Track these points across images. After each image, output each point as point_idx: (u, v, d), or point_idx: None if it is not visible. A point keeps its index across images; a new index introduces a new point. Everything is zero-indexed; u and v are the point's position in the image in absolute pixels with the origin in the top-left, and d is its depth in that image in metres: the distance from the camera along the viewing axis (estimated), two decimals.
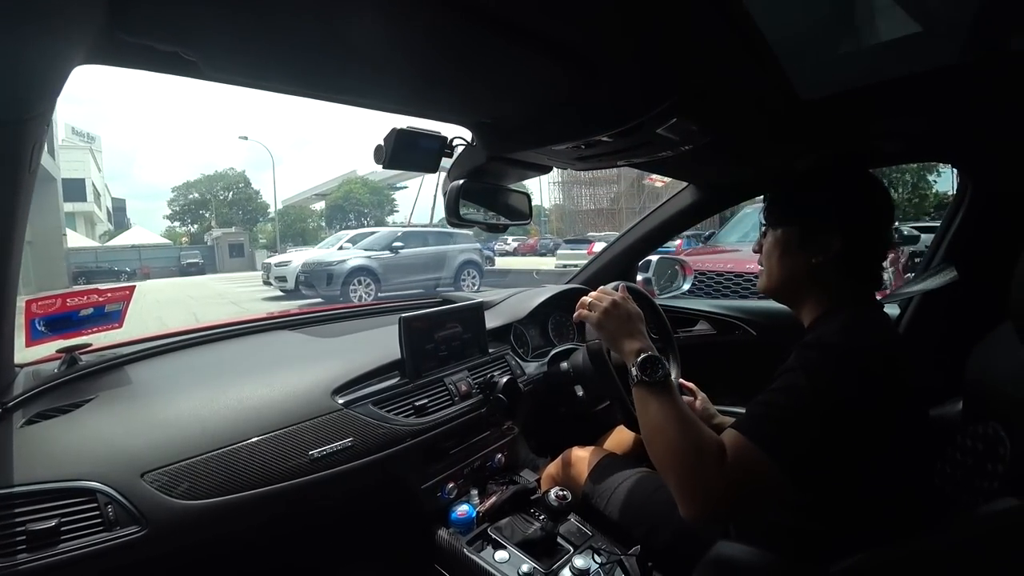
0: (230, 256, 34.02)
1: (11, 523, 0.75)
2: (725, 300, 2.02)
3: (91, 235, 38.02)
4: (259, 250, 35.87)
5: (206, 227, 45.06)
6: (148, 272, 30.75)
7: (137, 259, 32.83)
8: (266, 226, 46.46)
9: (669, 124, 0.93)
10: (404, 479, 1.20)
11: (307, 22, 0.66)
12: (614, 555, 1.12)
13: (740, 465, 0.74)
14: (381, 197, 42.97)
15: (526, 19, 0.68)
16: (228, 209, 47.12)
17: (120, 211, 53.82)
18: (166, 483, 0.86)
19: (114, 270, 28.17)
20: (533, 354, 1.65)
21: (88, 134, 39.28)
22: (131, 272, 29.12)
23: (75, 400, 0.96)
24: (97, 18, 0.56)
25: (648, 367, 0.87)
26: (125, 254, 33.27)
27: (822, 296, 0.92)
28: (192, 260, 33.16)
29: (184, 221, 49.36)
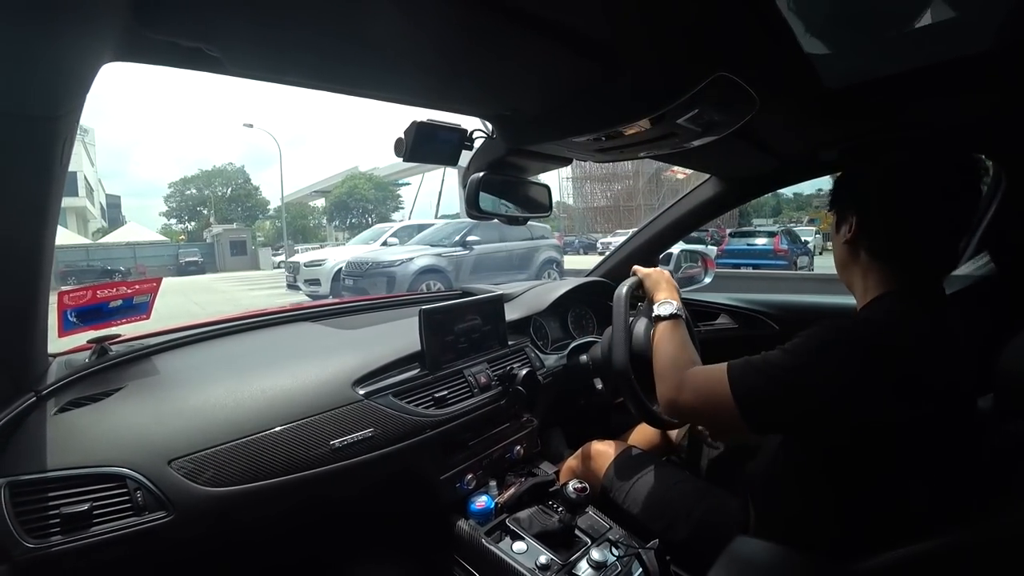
0: (231, 254, 32.47)
1: (46, 506, 0.78)
2: (747, 294, 1.98)
3: (84, 232, 36.94)
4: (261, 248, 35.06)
5: (204, 224, 44.05)
6: (144, 271, 28.45)
7: (132, 257, 30.70)
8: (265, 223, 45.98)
9: (691, 115, 0.92)
10: (423, 470, 1.22)
11: (328, 16, 0.66)
12: (632, 548, 1.12)
13: (703, 382, 0.89)
14: (386, 193, 42.45)
15: (546, 10, 0.67)
16: (227, 205, 46.38)
17: (115, 208, 52.77)
18: (192, 470, 0.88)
19: (107, 269, 26.41)
20: (552, 347, 1.65)
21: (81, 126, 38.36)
22: (125, 271, 27.13)
23: (105, 389, 0.99)
24: (123, 17, 0.57)
25: (663, 306, 1.15)
26: (119, 252, 31.04)
27: (865, 282, 0.91)
28: (191, 259, 31.24)
29: (181, 218, 48.42)
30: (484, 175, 1.21)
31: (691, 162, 1.64)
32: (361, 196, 41.23)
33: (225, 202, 46.75)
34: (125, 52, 0.67)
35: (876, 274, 0.88)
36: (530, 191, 1.38)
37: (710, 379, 0.87)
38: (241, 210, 46.62)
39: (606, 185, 31.72)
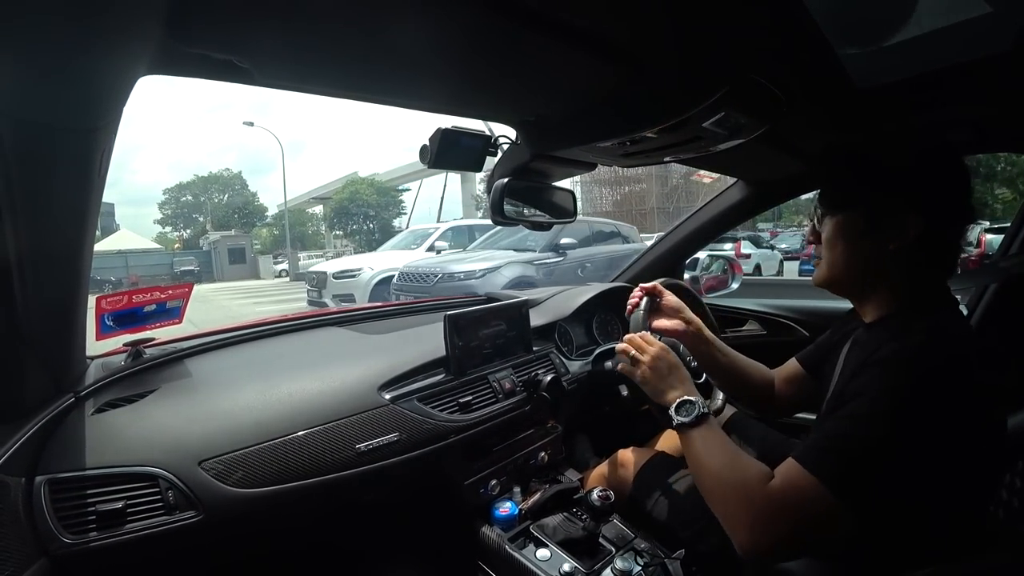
0: (230, 262, 30.69)
1: (82, 503, 0.81)
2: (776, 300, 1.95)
3: None
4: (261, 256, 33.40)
5: (200, 231, 43.27)
6: (136, 281, 26.15)
7: (124, 266, 29.02)
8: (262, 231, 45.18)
9: (717, 118, 0.91)
10: (448, 475, 1.22)
11: (355, 27, 0.68)
12: (657, 558, 1.10)
13: (791, 491, 0.72)
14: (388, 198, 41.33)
15: (569, 16, 0.67)
16: (224, 212, 45.47)
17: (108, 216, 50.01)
18: (221, 471, 0.90)
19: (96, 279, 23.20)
20: (577, 352, 1.64)
21: None
22: (116, 282, 25.22)
23: (140, 391, 1.02)
24: (158, 32, 0.59)
25: (684, 409, 0.89)
26: (109, 260, 29.00)
27: (891, 292, 0.83)
28: (187, 267, 29.40)
29: (176, 226, 47.64)
30: (509, 181, 1.21)
31: (717, 166, 1.63)
32: (363, 201, 40.53)
33: (222, 208, 45.98)
34: (160, 65, 0.69)
35: (910, 285, 0.82)
36: (555, 196, 1.38)
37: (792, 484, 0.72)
38: (238, 216, 45.61)
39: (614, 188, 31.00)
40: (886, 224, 0.80)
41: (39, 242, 0.73)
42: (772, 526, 0.72)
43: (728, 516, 0.78)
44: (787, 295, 2.21)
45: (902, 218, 0.78)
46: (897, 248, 0.79)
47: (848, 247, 0.85)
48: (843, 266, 0.86)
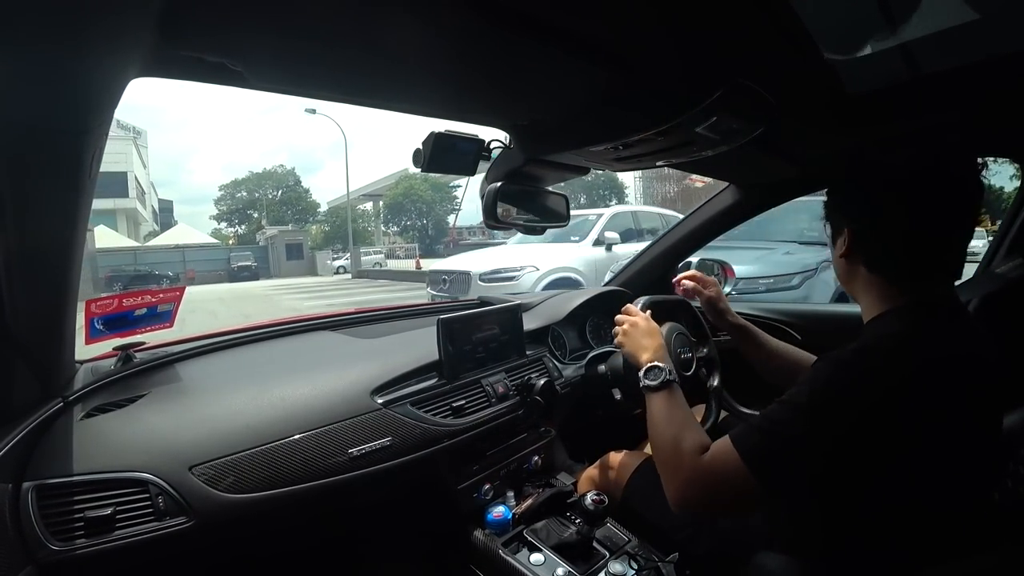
0: (287, 258, 30.67)
1: (71, 510, 0.80)
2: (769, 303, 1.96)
3: (135, 235, 35.85)
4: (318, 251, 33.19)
5: (255, 227, 43.77)
6: (193, 276, 27.53)
7: (181, 261, 29.25)
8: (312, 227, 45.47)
9: (709, 123, 0.91)
10: (441, 479, 1.21)
11: (349, 30, 0.68)
12: (651, 561, 1.10)
13: (716, 465, 0.80)
14: (443, 194, 41.84)
15: (563, 20, 0.68)
16: (279, 208, 45.89)
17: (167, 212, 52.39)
18: (212, 476, 0.89)
19: (154, 274, 24.88)
20: (571, 356, 1.64)
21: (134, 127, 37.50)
22: (174, 277, 25.88)
23: (130, 395, 1.01)
24: (149, 34, 0.59)
25: (651, 373, 1.00)
26: (167, 255, 29.55)
27: (870, 296, 0.87)
28: (244, 263, 29.22)
29: (232, 221, 48.10)
30: (502, 185, 1.21)
31: (709, 170, 1.63)
32: (417, 197, 40.69)
33: (276, 205, 46.34)
34: (151, 68, 0.69)
35: (878, 288, 0.85)
36: (548, 200, 1.38)
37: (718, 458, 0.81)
38: (292, 213, 46.12)
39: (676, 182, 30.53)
40: (838, 235, 0.89)
41: (28, 245, 0.73)
42: (695, 490, 0.83)
43: (664, 475, 0.88)
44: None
45: (840, 233, 0.88)
46: (842, 256, 0.88)
47: (837, 258, 0.91)
48: (839, 275, 0.94)
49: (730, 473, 0.77)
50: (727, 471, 0.78)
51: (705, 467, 0.81)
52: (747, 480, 0.75)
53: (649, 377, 1.00)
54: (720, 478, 0.79)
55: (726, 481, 0.78)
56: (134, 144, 34.27)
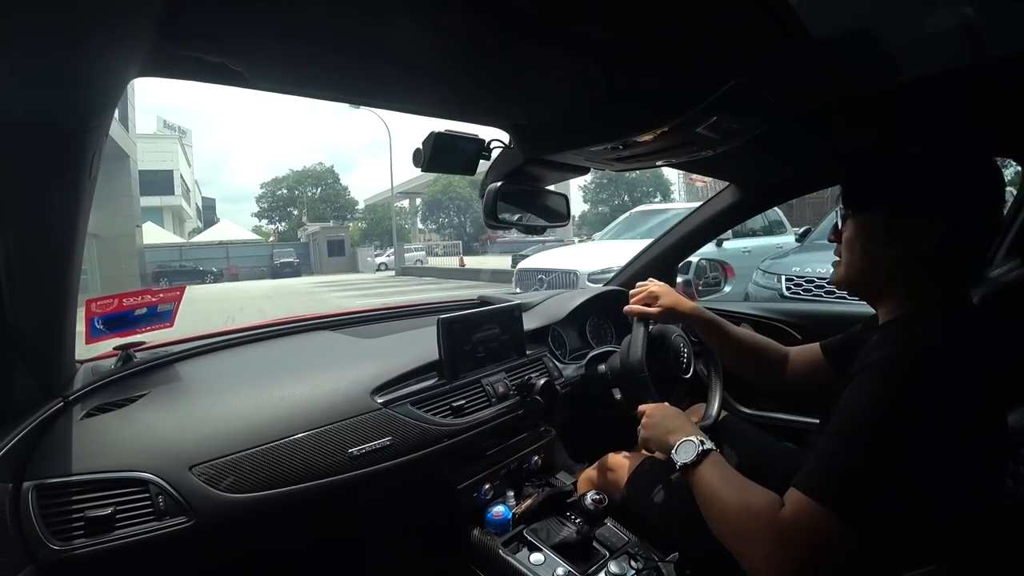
0: (329, 255, 30.12)
1: (71, 509, 0.80)
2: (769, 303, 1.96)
3: (179, 231, 36.53)
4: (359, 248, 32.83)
5: (297, 224, 44.12)
6: (237, 272, 27.98)
7: (224, 257, 29.64)
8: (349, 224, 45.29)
9: (709, 123, 0.91)
10: (441, 479, 1.21)
11: (348, 31, 0.68)
12: (651, 561, 1.10)
13: (801, 519, 0.69)
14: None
15: (562, 20, 0.68)
16: (318, 205, 46.12)
17: (210, 209, 53.21)
18: (212, 476, 0.89)
19: (199, 270, 25.50)
20: (571, 356, 1.64)
21: (179, 127, 38.17)
22: (218, 272, 26.43)
23: (130, 395, 1.01)
24: (150, 33, 0.59)
25: (681, 450, 0.89)
26: (212, 251, 30.08)
27: (903, 296, 0.83)
28: (287, 259, 29.22)
29: (272, 219, 48.45)
30: (502, 185, 1.21)
31: (709, 170, 1.63)
32: (456, 195, 40.51)
33: (316, 202, 46.61)
34: (152, 67, 0.69)
35: (905, 287, 0.82)
36: (548, 200, 1.39)
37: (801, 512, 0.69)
38: (330, 210, 46.29)
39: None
40: (906, 230, 0.79)
41: (28, 244, 0.73)
42: (790, 553, 0.70)
43: (741, 546, 0.76)
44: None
45: (922, 225, 0.77)
46: (915, 255, 0.79)
47: (866, 250, 0.85)
48: (860, 268, 0.87)
49: (817, 525, 0.68)
50: (814, 524, 0.68)
51: (789, 523, 0.70)
52: (835, 527, 0.66)
53: (681, 455, 0.89)
54: (808, 534, 0.68)
55: (815, 536, 0.68)
56: (180, 143, 34.81)
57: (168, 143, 33.00)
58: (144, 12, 0.54)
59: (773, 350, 1.24)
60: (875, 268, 0.85)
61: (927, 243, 0.77)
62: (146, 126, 29.53)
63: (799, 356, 1.22)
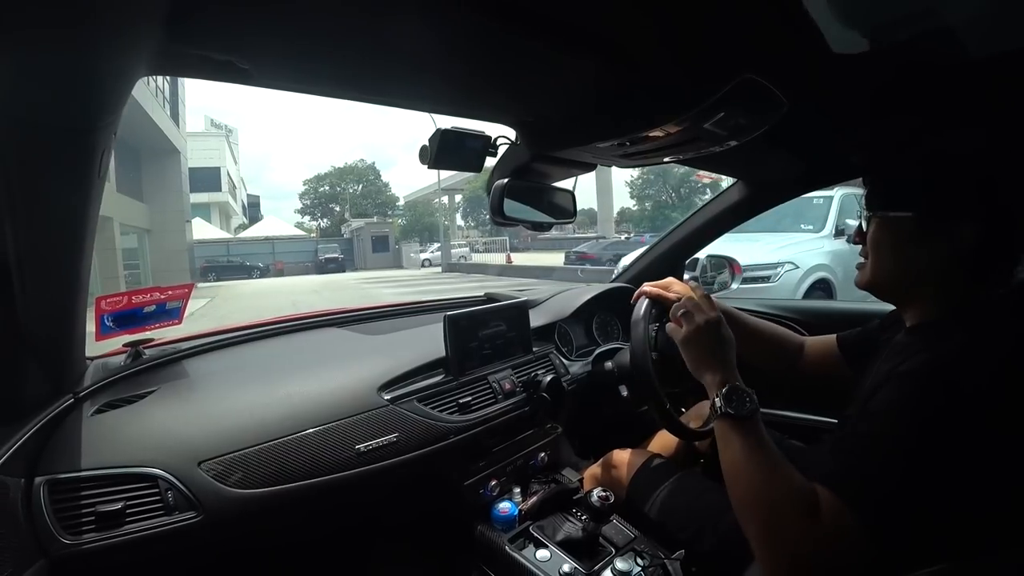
0: (373, 251, 30.47)
1: (81, 504, 0.81)
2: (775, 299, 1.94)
3: (226, 227, 37.21)
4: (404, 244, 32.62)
5: (339, 219, 44.56)
6: (282, 268, 28.66)
7: (270, 253, 30.20)
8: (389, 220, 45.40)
9: (716, 119, 0.90)
10: (447, 475, 1.22)
11: (354, 28, 0.68)
12: (657, 559, 1.10)
13: (834, 528, 0.66)
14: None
15: (569, 16, 0.67)
16: (360, 201, 46.63)
17: (254, 206, 54.27)
18: (221, 472, 0.90)
19: (245, 265, 26.12)
20: (577, 353, 1.64)
21: (226, 126, 38.85)
22: (264, 268, 27.03)
23: (139, 391, 1.02)
24: (157, 32, 0.59)
25: (735, 398, 0.80)
26: (258, 247, 30.73)
27: (933, 298, 0.79)
28: (331, 255, 29.63)
29: (314, 215, 49.09)
30: (508, 181, 1.21)
31: (717, 166, 1.62)
32: None
33: (357, 198, 47.14)
34: (160, 65, 0.69)
35: (939, 288, 0.78)
36: (555, 197, 1.38)
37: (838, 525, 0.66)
38: (372, 206, 46.72)
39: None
40: (939, 230, 0.76)
41: (39, 243, 0.73)
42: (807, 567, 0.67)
43: (761, 539, 0.71)
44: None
45: (957, 225, 0.74)
46: (947, 256, 0.76)
47: (894, 251, 0.82)
48: (888, 270, 0.83)
49: (846, 528, 0.65)
50: (842, 526, 0.65)
51: (820, 538, 0.66)
52: (864, 533, 0.64)
53: (731, 404, 0.80)
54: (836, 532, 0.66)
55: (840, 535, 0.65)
56: (227, 141, 35.38)
57: (216, 140, 33.58)
58: (151, 11, 0.55)
59: (788, 339, 1.23)
60: (904, 270, 0.81)
61: (961, 244, 0.74)
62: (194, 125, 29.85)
63: (814, 346, 1.21)
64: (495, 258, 23.04)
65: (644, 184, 40.45)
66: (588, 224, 42.76)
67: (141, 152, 17.68)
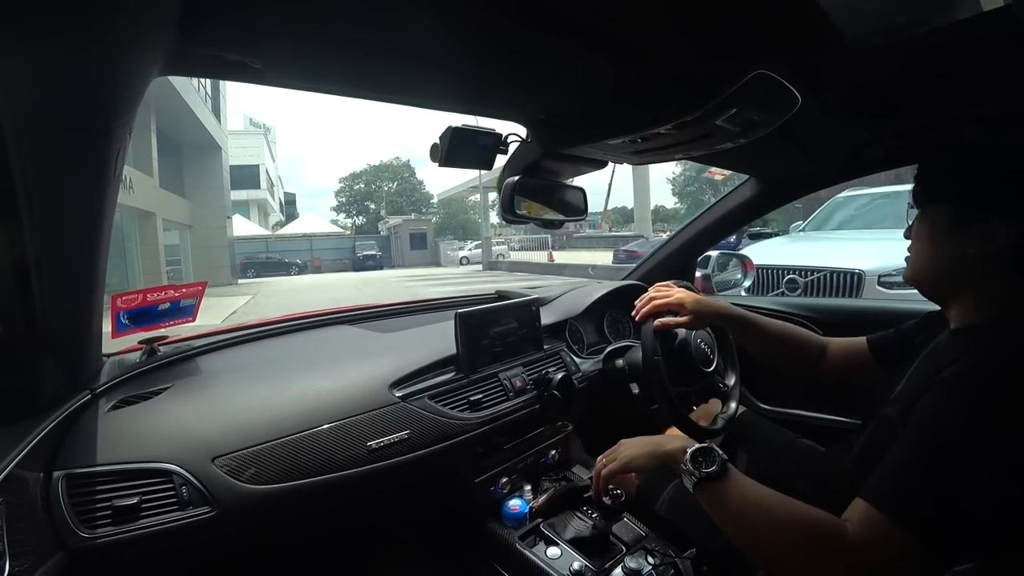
0: (411, 248, 30.36)
1: (98, 498, 0.82)
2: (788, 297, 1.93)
3: (264, 224, 37.68)
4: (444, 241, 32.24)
5: (374, 218, 44.92)
6: (320, 265, 28.95)
7: (308, 250, 30.54)
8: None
9: (728, 115, 0.90)
10: (458, 472, 1.22)
11: (366, 27, 0.68)
12: (668, 557, 1.10)
13: (871, 539, 0.63)
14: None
15: (580, 13, 0.67)
16: (395, 199, 46.85)
17: (291, 204, 55.06)
18: (234, 468, 0.91)
19: (284, 262, 26.49)
20: (588, 351, 1.63)
21: (264, 125, 39.42)
22: (302, 265, 27.21)
23: (154, 388, 1.03)
24: (171, 34, 0.60)
25: (701, 456, 0.79)
26: (296, 244, 31.08)
27: (980, 298, 0.77)
28: (369, 252, 29.76)
29: (350, 213, 49.48)
30: (519, 179, 1.21)
31: (729, 163, 1.61)
32: None
33: (393, 196, 47.48)
34: (174, 66, 0.70)
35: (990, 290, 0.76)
36: (566, 194, 1.38)
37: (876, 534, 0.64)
38: (407, 203, 47.02)
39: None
40: (971, 226, 0.75)
41: (57, 241, 0.75)
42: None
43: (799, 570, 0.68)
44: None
45: (990, 222, 0.73)
46: (980, 253, 0.75)
47: (931, 245, 0.81)
48: (925, 265, 0.82)
49: (894, 546, 0.62)
50: (890, 544, 0.62)
51: (861, 541, 0.64)
52: (914, 550, 0.62)
53: (704, 465, 0.78)
54: (884, 552, 0.63)
55: (889, 555, 0.63)
56: (265, 139, 35.91)
57: (254, 139, 34.08)
58: (165, 12, 0.55)
59: (809, 341, 1.21)
60: (941, 264, 0.80)
61: (996, 241, 0.73)
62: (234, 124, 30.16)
63: (841, 348, 1.18)
64: (536, 256, 22.61)
65: (686, 181, 39.96)
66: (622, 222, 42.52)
67: (183, 148, 17.71)
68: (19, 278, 0.74)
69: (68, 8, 0.48)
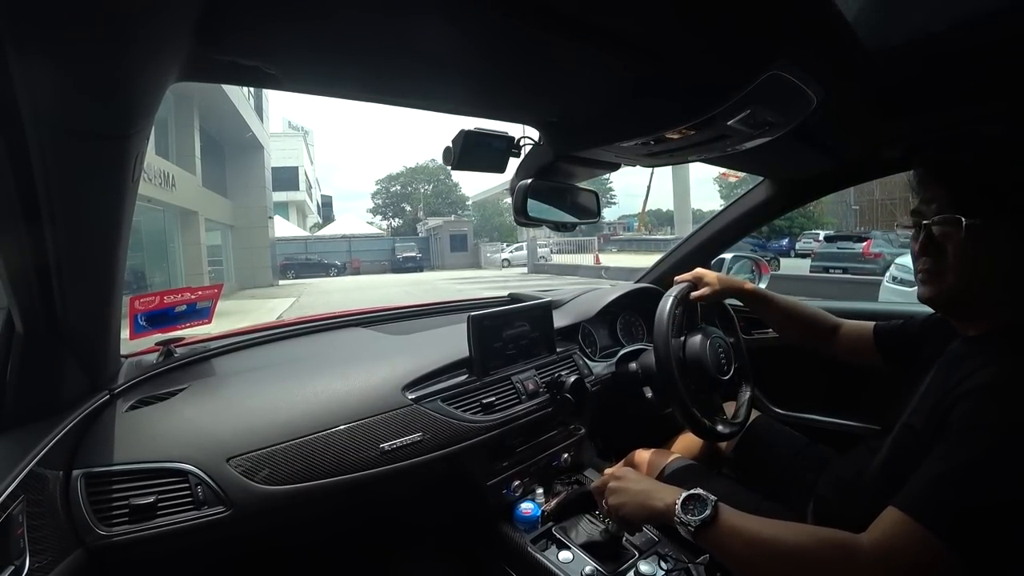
0: (451, 250, 30.02)
1: (116, 496, 0.84)
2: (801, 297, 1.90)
3: (302, 225, 38.11)
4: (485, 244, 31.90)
5: (410, 219, 45.15)
6: (359, 266, 28.84)
7: (347, 251, 30.44)
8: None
9: (742, 116, 0.89)
10: (470, 475, 1.22)
11: (380, 32, 0.68)
12: (681, 562, 1.09)
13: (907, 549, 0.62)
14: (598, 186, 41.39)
15: (593, 15, 0.67)
16: (431, 201, 47.15)
17: (327, 206, 55.39)
18: (249, 468, 0.92)
19: (323, 263, 26.59)
20: (601, 354, 1.63)
21: (302, 127, 40.04)
22: (341, 266, 27.33)
23: (170, 389, 1.05)
24: (188, 41, 0.61)
25: (691, 504, 0.78)
26: (334, 245, 31.21)
27: (998, 307, 0.75)
28: (409, 253, 29.39)
29: (386, 214, 49.86)
30: (532, 182, 1.21)
31: (743, 164, 1.60)
32: None
33: (429, 198, 47.86)
34: (190, 72, 0.71)
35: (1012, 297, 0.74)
36: (579, 197, 1.38)
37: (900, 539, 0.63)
38: (444, 205, 47.37)
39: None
40: (992, 236, 0.72)
41: (77, 245, 0.76)
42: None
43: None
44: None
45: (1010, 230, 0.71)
46: (999, 262, 0.73)
47: (950, 258, 0.76)
48: (945, 278, 0.78)
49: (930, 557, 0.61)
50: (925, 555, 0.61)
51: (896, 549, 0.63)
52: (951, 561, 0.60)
53: (695, 512, 0.76)
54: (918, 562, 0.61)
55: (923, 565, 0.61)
56: (304, 141, 36.31)
57: (294, 141, 34.49)
58: (182, 19, 0.56)
59: (823, 319, 1.28)
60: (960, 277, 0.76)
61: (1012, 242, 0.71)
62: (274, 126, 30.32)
63: (850, 331, 1.23)
64: (581, 259, 21.95)
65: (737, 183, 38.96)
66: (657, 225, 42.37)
67: (225, 148, 17.70)
68: (41, 281, 0.75)
69: (93, 18, 0.49)
